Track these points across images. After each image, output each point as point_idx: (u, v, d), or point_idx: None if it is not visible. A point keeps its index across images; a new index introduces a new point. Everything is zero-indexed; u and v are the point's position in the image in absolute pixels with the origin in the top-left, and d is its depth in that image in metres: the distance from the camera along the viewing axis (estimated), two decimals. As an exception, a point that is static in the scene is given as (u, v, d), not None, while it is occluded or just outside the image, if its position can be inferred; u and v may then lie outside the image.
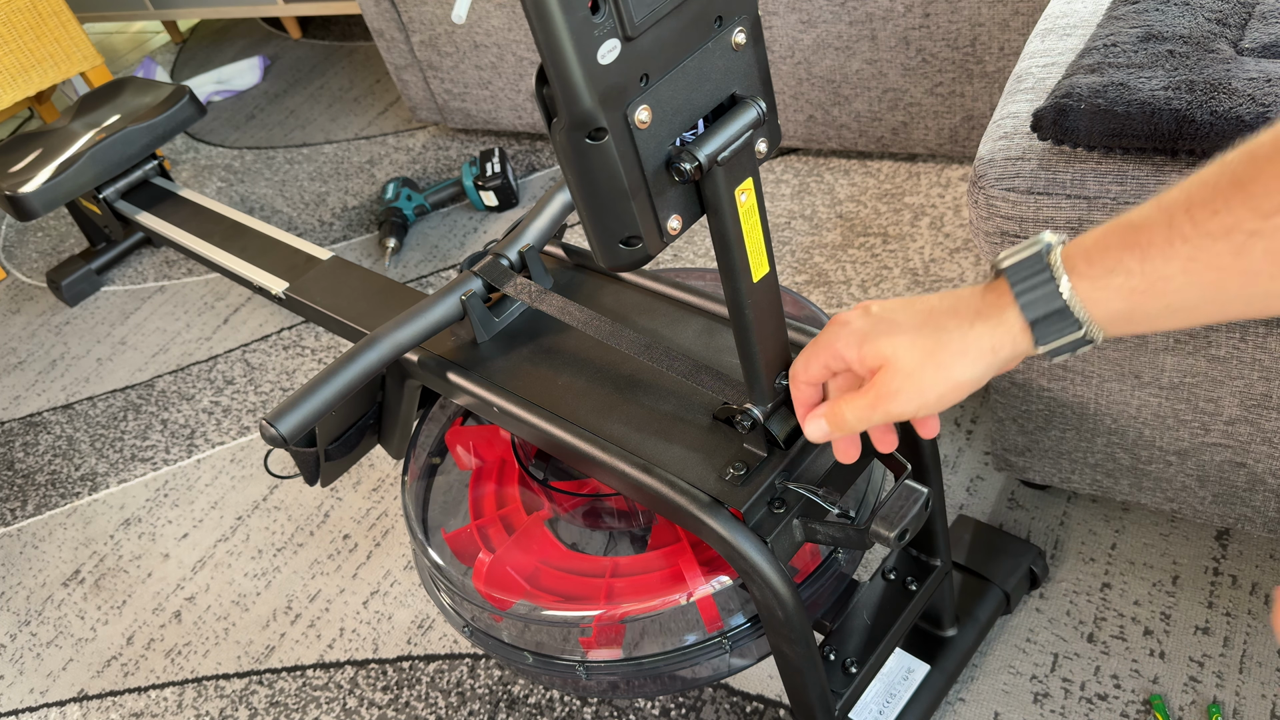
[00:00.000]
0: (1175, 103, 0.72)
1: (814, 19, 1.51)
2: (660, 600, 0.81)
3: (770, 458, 0.74)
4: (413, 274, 1.77)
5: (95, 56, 2.21)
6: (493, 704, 1.08)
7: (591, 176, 0.56)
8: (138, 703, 1.21)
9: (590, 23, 0.50)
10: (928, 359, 0.55)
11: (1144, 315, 0.50)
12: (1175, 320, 0.50)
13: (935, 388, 0.55)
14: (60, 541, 1.46)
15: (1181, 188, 0.47)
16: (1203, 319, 0.50)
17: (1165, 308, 0.49)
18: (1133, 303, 0.50)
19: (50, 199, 1.69)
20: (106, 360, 1.80)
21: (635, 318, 0.92)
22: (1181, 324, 0.50)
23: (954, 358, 0.54)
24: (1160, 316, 0.50)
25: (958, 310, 0.55)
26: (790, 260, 1.51)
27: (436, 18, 1.88)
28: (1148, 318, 0.50)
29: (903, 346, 0.56)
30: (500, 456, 0.97)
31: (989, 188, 0.81)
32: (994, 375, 0.56)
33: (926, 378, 0.55)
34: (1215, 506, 0.93)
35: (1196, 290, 0.48)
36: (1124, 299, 0.50)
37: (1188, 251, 0.47)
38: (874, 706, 0.91)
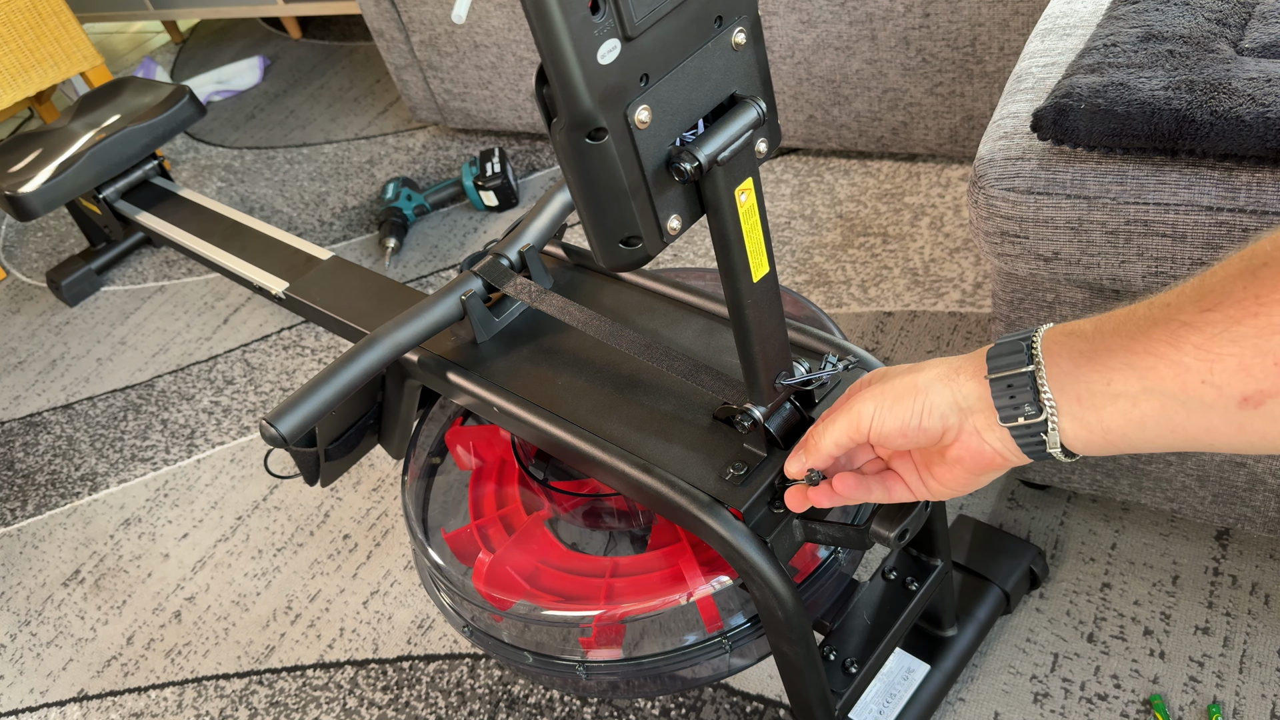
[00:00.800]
0: (1175, 103, 0.72)
1: (814, 19, 1.51)
2: (660, 600, 0.81)
3: (770, 458, 0.74)
4: (413, 274, 1.77)
5: (95, 56, 2.21)
6: (493, 704, 1.08)
7: (591, 176, 0.56)
8: (138, 703, 1.21)
9: (590, 23, 0.50)
10: (907, 370, 0.59)
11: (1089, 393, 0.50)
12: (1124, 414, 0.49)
13: (894, 388, 0.58)
14: (60, 541, 1.46)
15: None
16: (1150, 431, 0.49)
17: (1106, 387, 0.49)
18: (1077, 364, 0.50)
19: (50, 199, 1.69)
20: (106, 360, 1.80)
21: (635, 318, 0.92)
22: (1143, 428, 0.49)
23: (920, 369, 0.58)
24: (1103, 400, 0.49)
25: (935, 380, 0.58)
26: (790, 260, 1.51)
27: (436, 18, 1.88)
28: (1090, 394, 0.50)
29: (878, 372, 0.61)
30: (500, 456, 0.97)
31: (989, 187, 0.81)
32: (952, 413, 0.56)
33: (889, 378, 0.59)
34: (1215, 506, 0.93)
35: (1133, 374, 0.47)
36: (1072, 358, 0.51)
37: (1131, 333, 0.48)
38: (874, 706, 0.91)
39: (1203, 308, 0.44)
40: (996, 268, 0.89)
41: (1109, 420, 0.49)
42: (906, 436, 0.57)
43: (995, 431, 0.54)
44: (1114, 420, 0.49)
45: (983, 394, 0.54)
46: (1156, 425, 0.48)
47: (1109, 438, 0.50)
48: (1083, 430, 0.51)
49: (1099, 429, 0.50)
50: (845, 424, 0.60)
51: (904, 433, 0.57)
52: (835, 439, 0.61)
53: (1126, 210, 0.75)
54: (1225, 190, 0.71)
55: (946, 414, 0.56)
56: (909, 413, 0.57)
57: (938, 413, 0.56)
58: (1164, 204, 0.74)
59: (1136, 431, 0.49)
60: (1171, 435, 0.48)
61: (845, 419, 0.60)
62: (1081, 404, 0.50)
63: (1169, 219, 0.74)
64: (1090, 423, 0.50)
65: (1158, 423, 0.47)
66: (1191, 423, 0.46)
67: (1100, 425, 0.50)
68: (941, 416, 0.56)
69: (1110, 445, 0.50)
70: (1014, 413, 0.52)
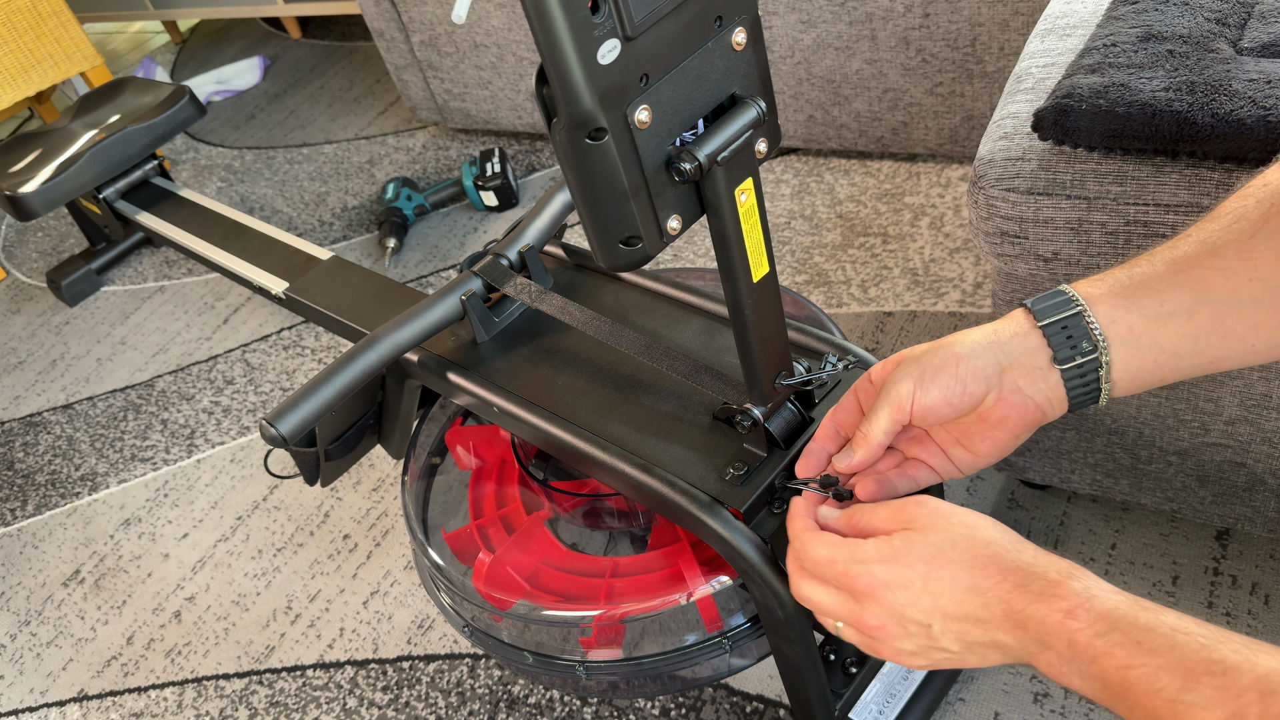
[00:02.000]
0: (1176, 104, 0.72)
1: (814, 19, 1.51)
2: (660, 600, 0.81)
3: (770, 458, 0.74)
4: (413, 274, 1.77)
5: (95, 56, 2.21)
6: (493, 704, 1.08)
7: (591, 176, 0.56)
8: (138, 703, 1.21)
9: (590, 23, 0.50)
10: (936, 343, 0.60)
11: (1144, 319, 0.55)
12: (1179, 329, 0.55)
13: (934, 359, 0.59)
14: (60, 541, 1.46)
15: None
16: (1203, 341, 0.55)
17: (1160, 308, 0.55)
18: (1128, 299, 0.56)
19: (50, 199, 1.69)
20: (106, 360, 1.80)
21: (635, 318, 0.92)
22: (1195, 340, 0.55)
23: (958, 337, 0.59)
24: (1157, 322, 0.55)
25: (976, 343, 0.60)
26: (790, 260, 1.51)
27: (436, 18, 1.88)
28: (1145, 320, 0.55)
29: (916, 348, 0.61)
30: (500, 456, 0.97)
31: (989, 188, 0.81)
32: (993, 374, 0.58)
33: (927, 352, 0.60)
34: (1215, 506, 0.93)
35: (1185, 292, 0.54)
36: (1119, 297, 0.56)
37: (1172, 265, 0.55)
38: (874, 706, 0.90)
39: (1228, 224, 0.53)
40: (996, 268, 0.89)
41: (1165, 339, 0.55)
42: (951, 405, 0.59)
43: (1038, 384, 0.58)
44: (1171, 338, 0.55)
45: (1029, 345, 0.57)
46: (1209, 334, 0.54)
47: (1161, 359, 0.56)
48: (1136, 358, 0.56)
49: (1154, 350, 0.56)
50: (888, 409, 0.60)
51: (948, 401, 0.58)
52: (881, 427, 0.61)
53: (1127, 211, 0.75)
54: (1226, 192, 0.71)
55: (990, 375, 0.58)
56: (951, 381, 0.58)
57: (981, 375, 0.58)
58: (1164, 205, 0.74)
59: (1190, 345, 0.55)
60: (1221, 342, 0.54)
61: (887, 405, 0.60)
62: (1134, 331, 0.56)
63: (1169, 220, 0.74)
64: (1145, 346, 0.56)
65: (1210, 331, 0.54)
66: (1242, 323, 0.54)
67: (1156, 346, 0.56)
68: (986, 379, 0.58)
69: (1160, 368, 0.56)
70: (1071, 352, 0.56)
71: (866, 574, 0.56)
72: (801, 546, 0.61)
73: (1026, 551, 0.54)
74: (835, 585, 0.59)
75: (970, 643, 0.54)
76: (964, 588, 0.53)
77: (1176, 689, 0.45)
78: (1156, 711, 0.46)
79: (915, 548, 0.55)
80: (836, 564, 0.58)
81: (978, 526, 0.56)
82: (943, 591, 0.54)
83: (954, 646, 0.55)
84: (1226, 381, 0.83)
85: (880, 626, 0.56)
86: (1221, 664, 0.44)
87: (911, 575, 0.55)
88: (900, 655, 0.57)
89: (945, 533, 0.55)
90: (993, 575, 0.53)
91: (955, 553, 0.54)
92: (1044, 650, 0.51)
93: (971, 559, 0.54)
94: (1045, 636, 0.50)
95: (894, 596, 0.55)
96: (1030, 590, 0.52)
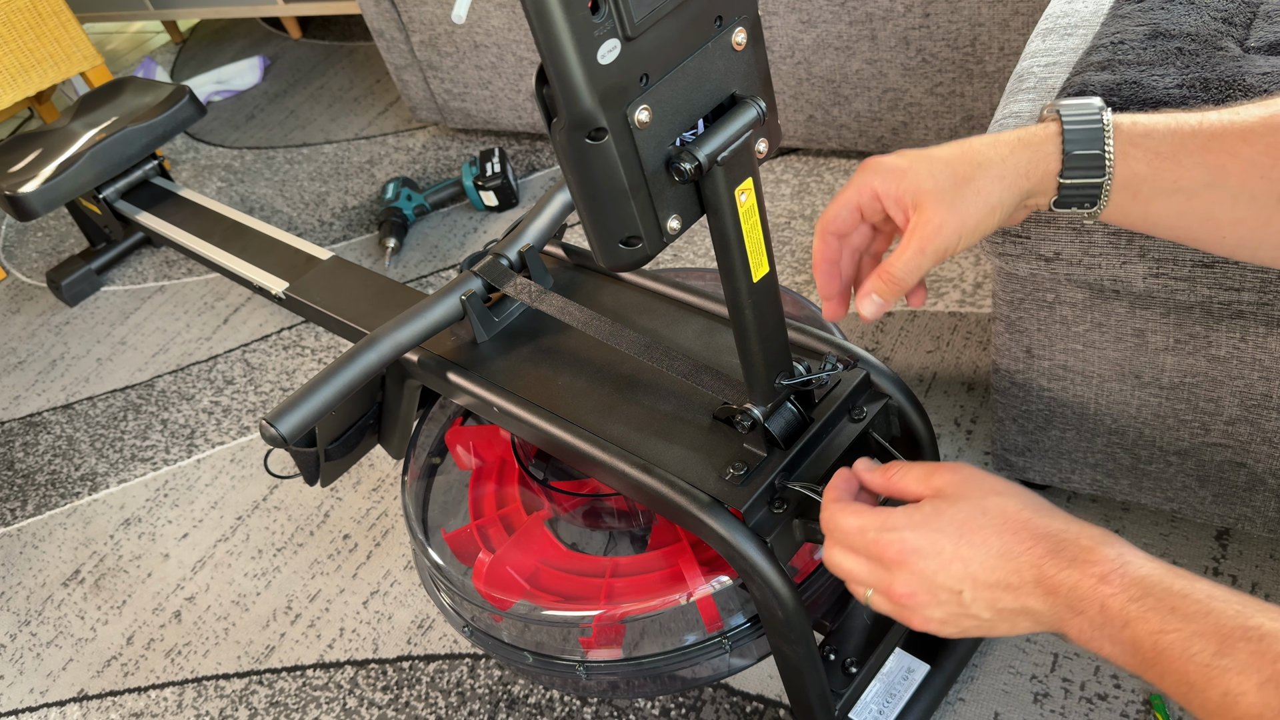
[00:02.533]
0: (1191, 102, 0.71)
1: (814, 19, 1.51)
2: (660, 600, 0.81)
3: (770, 458, 0.74)
4: (413, 274, 1.77)
5: (95, 56, 2.21)
6: (493, 704, 1.08)
7: (591, 176, 0.56)
8: (138, 703, 1.21)
9: (590, 23, 0.50)
10: (965, 185, 0.58)
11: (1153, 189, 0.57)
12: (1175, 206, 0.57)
13: (973, 213, 0.58)
14: (60, 541, 1.46)
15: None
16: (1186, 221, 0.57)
17: (1173, 184, 0.56)
18: (1152, 167, 0.57)
19: (50, 199, 1.69)
20: (106, 360, 1.80)
21: (635, 318, 0.92)
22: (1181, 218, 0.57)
23: (990, 181, 0.58)
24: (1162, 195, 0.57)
25: (998, 141, 0.60)
26: (790, 260, 1.51)
27: (436, 18, 1.88)
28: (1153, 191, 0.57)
29: (942, 176, 0.59)
30: (500, 456, 0.97)
31: (989, 188, 0.81)
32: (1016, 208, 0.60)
33: (965, 204, 0.58)
34: (1215, 506, 0.93)
35: (1204, 171, 0.55)
36: (1147, 162, 0.57)
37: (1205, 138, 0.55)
38: (874, 706, 0.90)
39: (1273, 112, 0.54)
40: (997, 268, 0.89)
41: (1155, 211, 0.57)
42: (986, 224, 0.60)
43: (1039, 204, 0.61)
44: (1160, 211, 0.57)
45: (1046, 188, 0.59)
46: (1194, 215, 0.56)
47: (1140, 223, 0.59)
48: (1118, 215, 0.59)
49: (1138, 216, 0.58)
50: (934, 259, 0.59)
51: (984, 223, 0.60)
52: (923, 275, 0.61)
53: (1127, 210, 0.75)
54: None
55: (1015, 210, 0.61)
56: (990, 228, 0.60)
57: (1008, 214, 0.60)
58: (1164, 204, 0.74)
59: (1172, 221, 0.57)
60: (1200, 225, 0.56)
61: (935, 255, 0.59)
62: (1136, 198, 0.57)
63: (1169, 219, 0.74)
64: (1134, 212, 0.58)
65: (1198, 214, 0.56)
66: (1230, 214, 0.55)
67: (1143, 214, 0.58)
68: (1011, 215, 0.61)
69: (1131, 226, 0.59)
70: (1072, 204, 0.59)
71: (897, 541, 0.56)
72: (831, 517, 0.61)
73: (1059, 518, 0.54)
74: (866, 554, 0.58)
75: (1001, 609, 0.54)
76: (995, 554, 0.53)
77: (1211, 654, 0.45)
78: (1189, 676, 0.45)
79: (946, 514, 0.55)
80: (867, 532, 0.58)
81: (1009, 493, 0.55)
82: (974, 558, 0.54)
83: (985, 613, 0.54)
84: (1226, 381, 0.83)
85: (910, 594, 0.56)
86: (1258, 630, 0.44)
87: (943, 542, 0.54)
88: (930, 623, 0.57)
89: (976, 500, 0.55)
90: (1024, 541, 0.53)
91: (986, 519, 0.54)
92: (1075, 615, 0.50)
93: (1003, 525, 0.54)
94: (1077, 602, 0.50)
95: (924, 564, 0.55)
96: (1062, 556, 0.51)
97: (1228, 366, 0.82)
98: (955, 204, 0.58)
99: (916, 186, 0.59)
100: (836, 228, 0.64)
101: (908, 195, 0.59)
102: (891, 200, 0.61)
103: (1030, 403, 0.96)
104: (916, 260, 0.59)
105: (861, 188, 0.62)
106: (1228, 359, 0.81)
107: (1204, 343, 0.81)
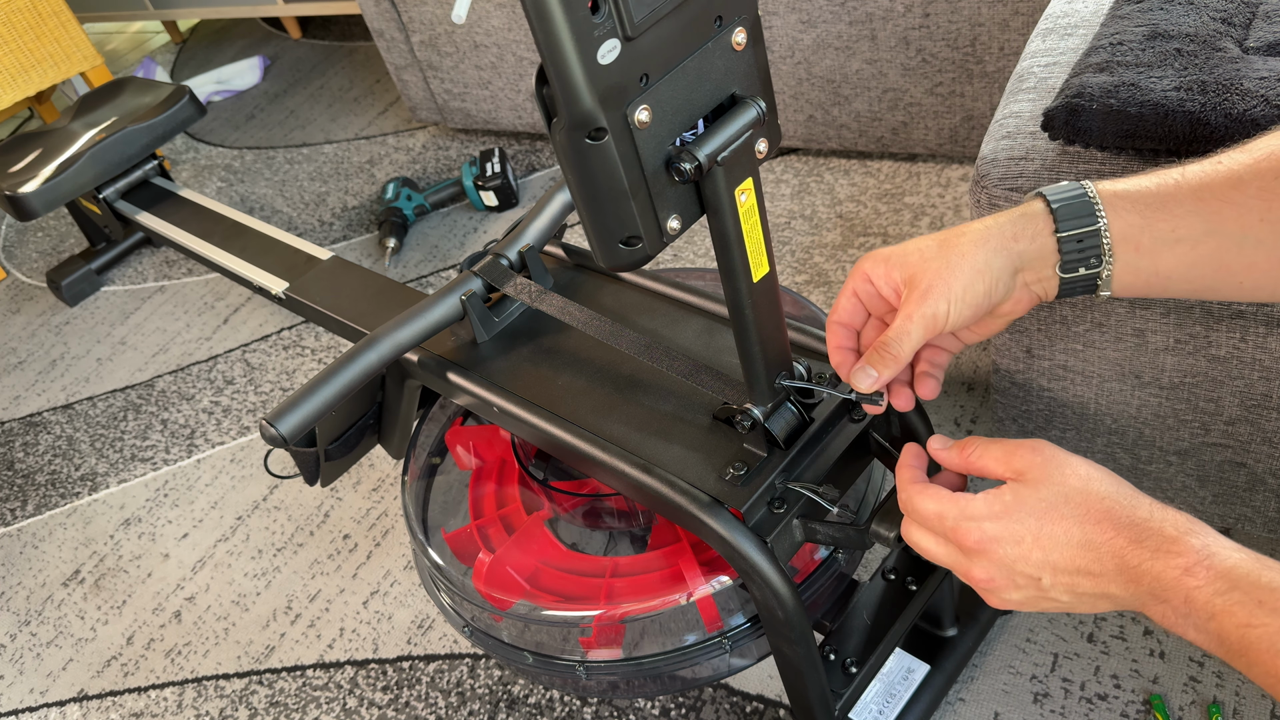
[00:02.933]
0: (1189, 104, 0.71)
1: (814, 19, 1.51)
2: (660, 600, 0.81)
3: (770, 458, 0.74)
4: (413, 274, 1.77)
5: (95, 56, 2.21)
6: (493, 704, 1.08)
7: (591, 176, 0.56)
8: (138, 703, 1.21)
9: (590, 23, 0.50)
10: (949, 250, 0.59)
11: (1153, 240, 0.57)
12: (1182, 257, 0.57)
13: (960, 276, 0.59)
14: (60, 541, 1.46)
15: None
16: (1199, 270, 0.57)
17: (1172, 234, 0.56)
18: (1145, 217, 0.57)
19: (50, 199, 1.69)
20: (106, 360, 1.80)
21: (635, 318, 0.92)
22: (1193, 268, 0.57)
23: (973, 245, 0.59)
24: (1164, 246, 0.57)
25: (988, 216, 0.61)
26: (790, 260, 1.51)
27: (436, 18, 1.88)
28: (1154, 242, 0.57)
29: (928, 249, 0.60)
30: (500, 456, 0.97)
31: (992, 187, 0.81)
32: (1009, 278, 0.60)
33: (950, 268, 0.59)
34: (1215, 506, 0.93)
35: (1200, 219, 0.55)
36: (1138, 213, 0.57)
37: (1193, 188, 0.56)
38: (874, 706, 0.90)
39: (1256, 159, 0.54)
40: (997, 268, 0.89)
41: (1164, 264, 0.57)
42: (978, 315, 0.60)
43: (1041, 282, 0.60)
44: (1170, 263, 0.57)
45: (1043, 251, 0.59)
46: (1205, 265, 0.56)
47: (1154, 280, 0.58)
48: (1130, 274, 0.58)
49: (1149, 272, 0.58)
50: (923, 326, 0.60)
51: (976, 314, 0.60)
52: (915, 344, 0.60)
53: (1127, 210, 0.75)
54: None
55: (1008, 280, 0.60)
56: (980, 296, 0.59)
57: (1002, 285, 0.60)
58: (1165, 204, 0.74)
59: (1185, 272, 0.57)
60: (1214, 274, 0.56)
61: (921, 325, 0.60)
62: (1140, 252, 0.57)
63: (1169, 219, 0.74)
64: (1143, 268, 0.58)
65: (1208, 262, 0.56)
66: (1240, 260, 0.55)
67: (1153, 269, 0.58)
68: (1006, 286, 0.60)
69: (1149, 288, 0.58)
70: (1077, 264, 0.58)
71: (976, 530, 0.56)
72: (909, 499, 0.60)
73: (1142, 505, 0.54)
74: (944, 538, 0.59)
75: (1081, 594, 0.54)
76: (1076, 543, 0.53)
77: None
78: (1277, 670, 0.46)
79: (1027, 503, 0.55)
80: (945, 519, 0.57)
81: (1092, 479, 0.55)
82: (1054, 546, 0.54)
83: (1064, 597, 0.55)
84: (1226, 381, 0.83)
85: (989, 579, 0.56)
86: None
87: (1023, 531, 0.54)
88: (1009, 603, 0.57)
89: (1059, 486, 0.55)
90: (1106, 530, 0.53)
91: (1068, 507, 0.54)
92: (1158, 603, 0.51)
93: (1085, 513, 0.54)
94: (1161, 591, 0.50)
95: (1004, 551, 0.55)
96: (1146, 546, 0.51)
97: (1228, 366, 0.82)
98: (941, 270, 0.59)
99: (904, 262, 0.61)
100: (839, 318, 0.66)
101: (896, 271, 0.61)
102: (883, 281, 0.62)
103: (1030, 403, 0.96)
104: (904, 326, 0.60)
105: (856, 275, 0.64)
106: (1228, 359, 0.81)
107: (1204, 343, 0.81)
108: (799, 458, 0.74)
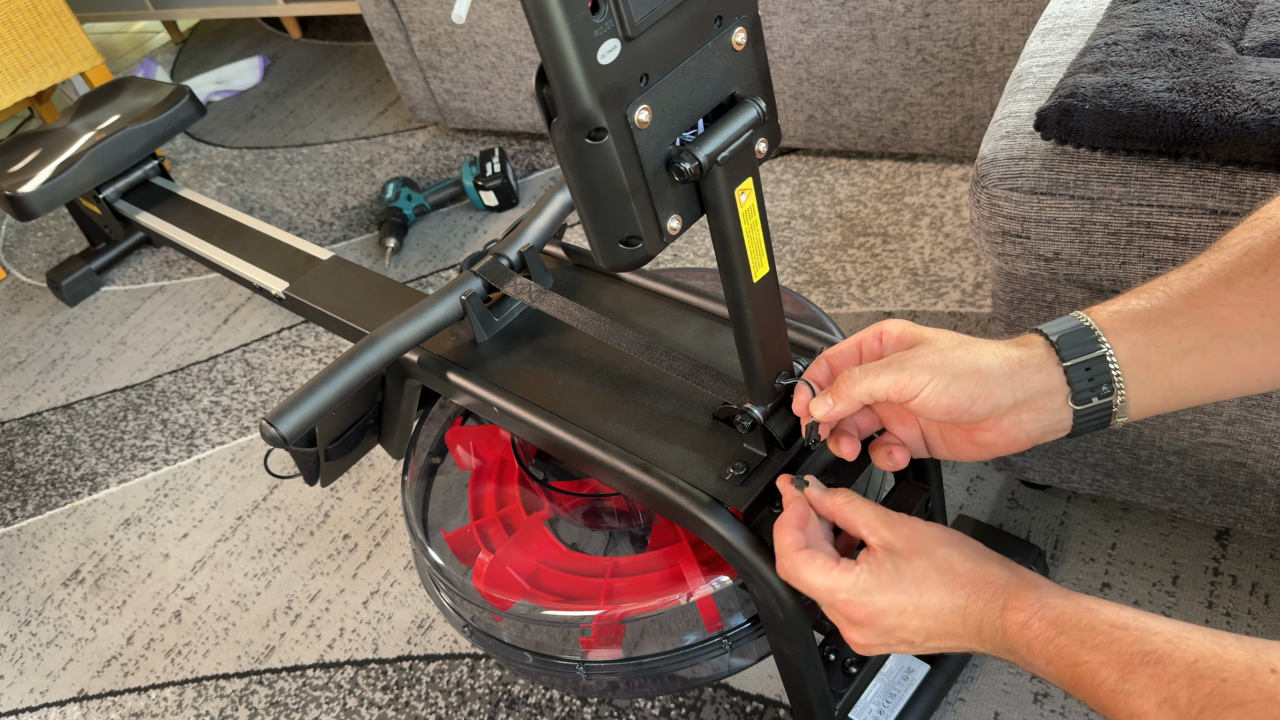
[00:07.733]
0: (1180, 106, 0.71)
1: (814, 19, 1.51)
2: (660, 600, 0.81)
3: (770, 458, 0.74)
4: (413, 274, 1.77)
5: (95, 56, 2.21)
6: (493, 704, 1.08)
7: (591, 176, 0.56)
8: (138, 703, 1.21)
9: (590, 23, 0.50)
10: (966, 345, 0.60)
11: (1161, 356, 0.56)
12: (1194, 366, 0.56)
13: (959, 366, 0.59)
14: (60, 541, 1.46)
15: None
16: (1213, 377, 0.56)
17: (1179, 346, 0.56)
18: (1146, 334, 0.56)
19: (50, 199, 1.69)
20: (106, 360, 1.80)
21: (635, 318, 0.92)
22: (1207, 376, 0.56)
23: (981, 348, 0.60)
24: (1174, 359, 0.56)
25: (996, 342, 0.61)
26: (790, 260, 1.51)
27: (436, 18, 1.88)
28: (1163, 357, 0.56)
29: (948, 334, 0.62)
30: (500, 456, 0.97)
31: (992, 187, 0.81)
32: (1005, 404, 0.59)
33: (956, 355, 0.59)
34: (1215, 506, 0.93)
35: (1202, 327, 0.55)
36: (1137, 330, 0.56)
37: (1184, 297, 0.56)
38: (874, 706, 0.90)
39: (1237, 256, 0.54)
40: (997, 268, 0.89)
41: (1177, 377, 0.56)
42: (951, 414, 0.59)
43: (1047, 418, 0.59)
44: (1183, 375, 0.56)
45: (1050, 384, 0.58)
46: (1219, 370, 0.55)
47: (1171, 395, 0.57)
48: (1145, 394, 0.57)
49: (1165, 388, 0.57)
50: (892, 383, 0.60)
51: (950, 411, 0.59)
52: (873, 391, 0.61)
53: (1130, 212, 0.75)
54: (1230, 194, 0.71)
55: (999, 405, 0.59)
56: (964, 395, 0.58)
57: (992, 402, 0.58)
58: (1168, 206, 0.74)
59: (1200, 380, 0.56)
60: (1229, 376, 0.56)
61: (894, 379, 0.60)
62: (1150, 369, 0.56)
63: (1172, 221, 0.74)
64: (1157, 385, 0.57)
65: (1220, 366, 0.55)
66: (1251, 357, 0.55)
67: (1168, 384, 0.57)
68: (993, 407, 0.59)
69: (1167, 403, 0.58)
70: (1090, 394, 0.58)
71: (868, 605, 0.61)
72: (795, 569, 0.64)
73: (993, 564, 0.60)
74: (832, 608, 0.64)
75: (945, 648, 0.61)
76: (949, 610, 0.59)
77: (1116, 680, 0.51)
78: (1102, 700, 0.52)
79: (905, 574, 0.60)
80: (837, 593, 0.62)
81: (952, 543, 0.61)
82: (930, 615, 0.60)
83: (930, 650, 0.62)
84: (1227, 381, 0.83)
85: (868, 644, 0.63)
86: (1154, 654, 0.50)
87: (905, 601, 0.60)
88: (871, 650, 0.64)
89: (928, 557, 0.61)
90: (969, 595, 0.59)
91: (940, 576, 0.60)
92: (1010, 653, 0.58)
93: (951, 580, 0.60)
94: (1008, 643, 0.58)
95: (888, 621, 0.61)
96: (996, 604, 0.58)
97: (1228, 366, 0.82)
98: (945, 350, 0.60)
99: (921, 333, 0.63)
100: (830, 354, 0.67)
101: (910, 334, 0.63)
102: (893, 342, 0.64)
103: (1030, 403, 0.96)
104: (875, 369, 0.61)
105: (871, 328, 0.66)
106: (1228, 359, 0.81)
107: (1204, 343, 0.81)
108: (799, 458, 0.74)
